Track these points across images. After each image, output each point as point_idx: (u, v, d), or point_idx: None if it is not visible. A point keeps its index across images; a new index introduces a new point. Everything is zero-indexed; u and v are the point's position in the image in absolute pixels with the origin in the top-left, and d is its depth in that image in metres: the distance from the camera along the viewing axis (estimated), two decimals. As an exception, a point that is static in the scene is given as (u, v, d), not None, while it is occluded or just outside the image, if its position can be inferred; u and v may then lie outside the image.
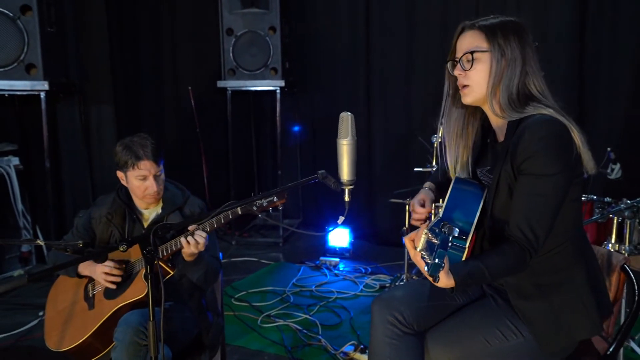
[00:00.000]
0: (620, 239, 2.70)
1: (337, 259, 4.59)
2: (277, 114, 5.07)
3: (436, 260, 1.21)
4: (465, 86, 1.67)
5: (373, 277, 4.25)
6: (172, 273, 2.15)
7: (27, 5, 3.57)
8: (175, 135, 5.45)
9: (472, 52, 1.63)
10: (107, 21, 4.39)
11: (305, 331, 3.37)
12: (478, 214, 1.61)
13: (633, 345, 2.68)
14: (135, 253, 2.18)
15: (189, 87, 5.24)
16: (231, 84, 5.00)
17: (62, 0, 3.98)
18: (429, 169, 3.39)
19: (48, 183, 3.73)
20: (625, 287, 1.78)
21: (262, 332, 3.37)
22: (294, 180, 5.51)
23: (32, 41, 3.58)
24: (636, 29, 4.14)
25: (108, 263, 2.15)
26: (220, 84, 5.02)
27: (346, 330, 3.40)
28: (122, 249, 1.58)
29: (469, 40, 1.66)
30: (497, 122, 1.70)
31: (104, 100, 4.43)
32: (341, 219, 1.62)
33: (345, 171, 1.59)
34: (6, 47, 3.57)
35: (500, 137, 1.71)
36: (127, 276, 2.18)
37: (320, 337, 3.29)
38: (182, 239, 1.95)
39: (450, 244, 1.25)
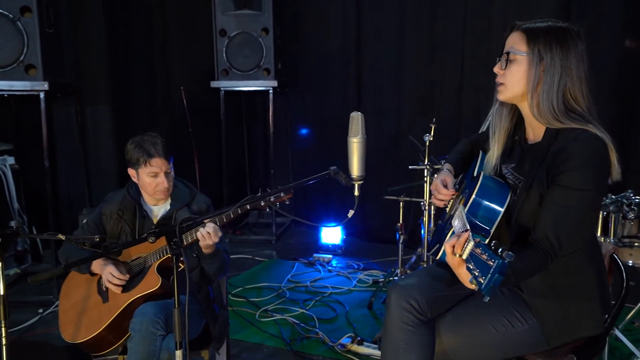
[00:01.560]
0: (605, 232, 2.84)
1: (330, 256, 4.71)
2: (270, 114, 5.16)
3: (491, 284, 1.26)
4: (500, 84, 1.75)
5: (366, 272, 4.37)
6: (182, 267, 2.24)
7: (26, 7, 3.60)
8: (168, 135, 5.48)
9: (508, 53, 1.71)
10: (104, 22, 4.44)
11: (302, 325, 3.47)
12: (501, 215, 1.68)
13: (617, 333, 2.82)
14: (145, 248, 2.26)
15: (181, 87, 5.30)
16: (224, 84, 5.09)
17: (59, 1, 4.01)
18: (422, 167, 3.50)
19: (48, 182, 3.76)
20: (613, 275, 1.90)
21: (260, 326, 3.47)
22: (286, 179, 5.61)
23: (32, 42, 3.61)
24: (616, 32, 4.30)
25: (114, 271, 2.22)
26: (214, 84, 5.10)
27: (342, 324, 3.51)
28: (150, 241, 1.68)
29: (511, 41, 1.73)
30: (532, 123, 1.76)
31: (100, 101, 4.48)
32: (351, 212, 1.72)
33: (356, 167, 1.69)
34: (6, 47, 3.60)
35: (531, 138, 1.78)
36: (139, 270, 2.26)
37: (317, 330, 3.39)
38: (198, 233, 2.04)
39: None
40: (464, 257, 1.35)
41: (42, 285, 4.04)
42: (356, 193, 1.73)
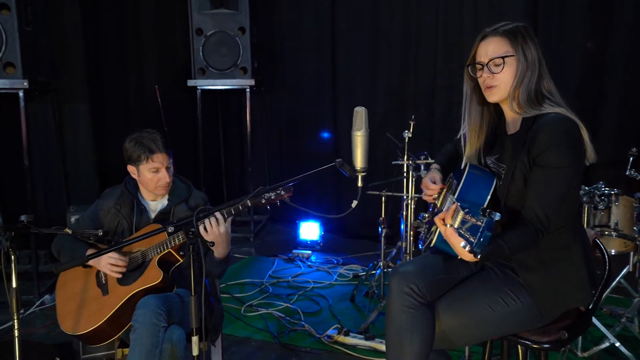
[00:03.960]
0: (579, 222, 3.00)
1: (309, 252, 4.79)
2: (248, 113, 5.20)
3: (481, 240, 1.40)
4: (492, 87, 1.86)
5: (345, 267, 4.47)
6: (181, 261, 2.30)
7: (4, 4, 3.57)
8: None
9: (503, 57, 1.81)
10: (82, 20, 4.41)
11: (288, 318, 3.54)
12: (489, 198, 1.82)
13: (590, 317, 2.98)
14: (144, 242, 2.29)
15: (156, 86, 5.28)
16: (201, 83, 5.10)
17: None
18: (401, 162, 3.61)
19: (28, 181, 3.73)
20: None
21: (246, 321, 3.52)
22: (263, 178, 5.66)
23: (11, 40, 3.58)
24: (582, 29, 4.50)
25: (113, 254, 2.26)
26: (191, 83, 5.12)
27: (327, 317, 3.59)
28: (170, 230, 1.73)
29: (495, 46, 1.84)
30: (512, 116, 1.91)
31: (78, 99, 4.45)
32: (355, 202, 1.80)
33: (359, 160, 1.78)
34: (-17, 46, 3.57)
35: (511, 130, 1.93)
36: (139, 263, 2.30)
37: (303, 322, 3.46)
38: (201, 227, 2.09)
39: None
40: (456, 225, 1.49)
41: (21, 285, 3.99)
42: (359, 184, 1.82)
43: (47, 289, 3.90)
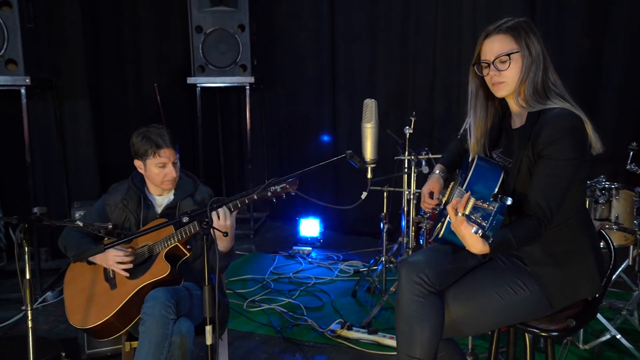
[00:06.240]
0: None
1: (310, 248, 4.81)
2: (247, 110, 5.21)
3: (493, 223, 1.43)
4: (499, 83, 1.88)
5: (346, 263, 4.49)
6: (188, 255, 2.32)
7: (6, 0, 3.57)
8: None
9: (509, 54, 1.84)
10: (81, 16, 4.41)
11: (290, 313, 3.56)
12: (497, 190, 1.85)
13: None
14: (151, 237, 2.30)
15: (155, 84, 5.28)
16: (201, 80, 5.10)
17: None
18: (402, 158, 3.64)
19: (30, 178, 3.74)
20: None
21: (249, 316, 3.54)
22: (261, 175, 5.67)
23: (12, 36, 3.58)
24: (578, 31, 4.54)
25: (118, 252, 2.27)
26: (190, 80, 5.11)
27: (329, 312, 3.61)
28: (184, 220, 1.75)
29: (500, 44, 1.86)
30: (517, 110, 1.94)
31: (78, 96, 4.45)
32: (364, 194, 1.82)
33: (369, 151, 1.81)
34: (-16, 42, 3.57)
35: (517, 123, 1.96)
36: (147, 257, 2.31)
37: (306, 317, 3.48)
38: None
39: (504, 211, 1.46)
40: (467, 211, 1.52)
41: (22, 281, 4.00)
42: (369, 176, 1.84)
43: (49, 286, 3.91)
